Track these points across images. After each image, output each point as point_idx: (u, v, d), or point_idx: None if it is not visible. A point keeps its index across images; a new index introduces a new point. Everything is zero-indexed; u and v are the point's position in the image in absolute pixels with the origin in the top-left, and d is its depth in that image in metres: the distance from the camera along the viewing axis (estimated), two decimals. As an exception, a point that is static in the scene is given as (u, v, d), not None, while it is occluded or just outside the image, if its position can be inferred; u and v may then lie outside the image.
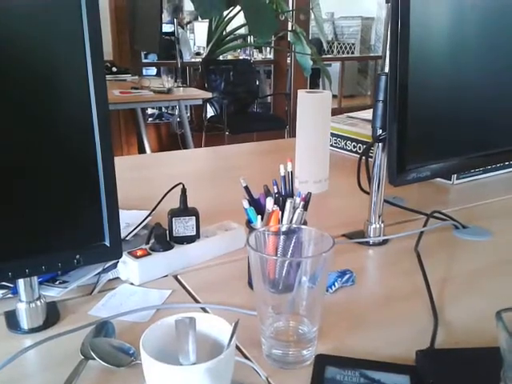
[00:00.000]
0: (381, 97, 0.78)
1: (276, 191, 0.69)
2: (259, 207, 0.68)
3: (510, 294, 0.72)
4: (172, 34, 4.38)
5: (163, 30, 3.69)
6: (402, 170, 0.79)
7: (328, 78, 4.36)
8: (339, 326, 0.64)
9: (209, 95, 3.67)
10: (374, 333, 0.62)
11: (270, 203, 0.64)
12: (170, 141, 4.47)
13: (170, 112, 4.83)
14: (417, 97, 0.77)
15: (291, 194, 0.70)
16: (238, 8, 4.02)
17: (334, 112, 1.22)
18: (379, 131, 0.81)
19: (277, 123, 4.40)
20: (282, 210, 0.65)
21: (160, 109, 4.89)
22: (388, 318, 0.66)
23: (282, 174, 0.70)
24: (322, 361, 0.55)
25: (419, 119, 0.79)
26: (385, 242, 0.88)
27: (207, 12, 3.67)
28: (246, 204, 0.67)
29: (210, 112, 4.32)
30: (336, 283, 0.71)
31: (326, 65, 4.70)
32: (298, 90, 1.11)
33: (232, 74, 4.36)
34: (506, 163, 1.24)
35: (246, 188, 0.70)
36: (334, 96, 5.21)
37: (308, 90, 1.15)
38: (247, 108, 4.56)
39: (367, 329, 0.63)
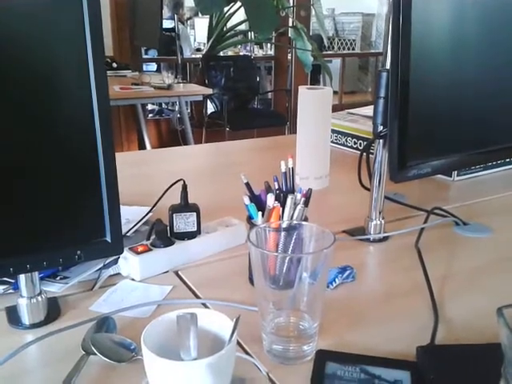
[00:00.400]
0: (382, 93, 0.78)
1: (277, 187, 0.69)
2: (260, 203, 0.68)
3: (511, 290, 0.72)
4: (172, 29, 4.37)
5: (163, 26, 3.68)
6: (403, 167, 0.79)
7: (329, 74, 4.35)
8: (340, 321, 0.64)
9: (209, 91, 3.66)
10: (375, 329, 0.62)
11: (270, 199, 0.64)
12: (171, 137, 4.47)
13: (170, 108, 4.81)
14: (418, 93, 0.77)
15: (292, 191, 0.70)
16: (239, 4, 4.00)
17: (335, 108, 1.22)
18: (380, 128, 0.81)
19: (277, 119, 4.39)
20: (283, 206, 0.65)
21: (160, 105, 4.89)
22: (388, 314, 0.66)
23: (283, 170, 0.70)
24: (322, 356, 0.55)
25: (420, 116, 0.79)
26: (385, 238, 0.88)
27: (208, 8, 3.66)
28: (246, 200, 0.67)
29: (211, 108, 4.31)
30: (336, 279, 0.71)
31: (326, 61, 4.69)
32: (299, 87, 1.11)
33: (232, 70, 4.35)
34: (507, 160, 1.24)
35: (247, 184, 0.70)
36: (335, 92, 5.19)
37: (309, 86, 1.15)
38: (248, 104, 4.55)
39: (368, 325, 0.63)
